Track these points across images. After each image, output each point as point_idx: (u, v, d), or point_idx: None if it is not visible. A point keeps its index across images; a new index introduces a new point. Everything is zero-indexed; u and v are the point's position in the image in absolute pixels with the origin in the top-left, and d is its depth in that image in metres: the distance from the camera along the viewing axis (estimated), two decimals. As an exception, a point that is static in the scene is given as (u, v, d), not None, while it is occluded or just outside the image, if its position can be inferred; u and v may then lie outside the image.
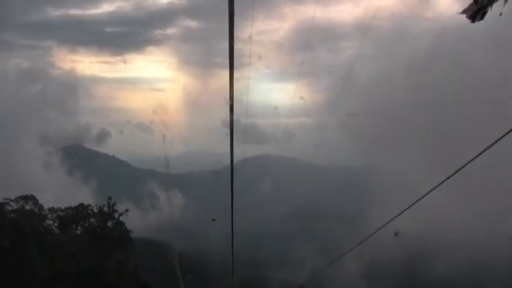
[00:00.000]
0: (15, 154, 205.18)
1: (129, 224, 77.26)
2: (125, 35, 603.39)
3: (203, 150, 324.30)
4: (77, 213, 67.75)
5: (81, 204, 69.44)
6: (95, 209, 68.91)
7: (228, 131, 10.01)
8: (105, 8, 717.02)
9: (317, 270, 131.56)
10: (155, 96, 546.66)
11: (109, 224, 69.46)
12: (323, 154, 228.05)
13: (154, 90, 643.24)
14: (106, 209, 69.20)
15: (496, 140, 10.02)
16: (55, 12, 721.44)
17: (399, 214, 15.31)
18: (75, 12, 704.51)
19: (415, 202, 13.96)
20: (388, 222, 16.55)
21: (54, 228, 65.12)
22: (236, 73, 7.95)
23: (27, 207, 63.30)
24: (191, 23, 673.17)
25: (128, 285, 57.90)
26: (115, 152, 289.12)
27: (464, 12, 7.57)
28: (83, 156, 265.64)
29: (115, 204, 70.80)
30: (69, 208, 68.20)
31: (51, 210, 66.30)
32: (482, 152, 10.62)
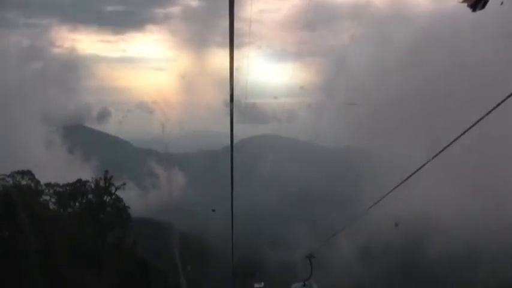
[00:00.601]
0: (15, 132, 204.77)
1: (130, 203, 77.32)
2: (126, 14, 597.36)
3: (203, 129, 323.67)
4: (75, 189, 66.62)
5: (79, 180, 68.15)
6: (92, 183, 67.74)
7: (228, 111, 9.95)
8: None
9: (312, 252, 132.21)
10: (156, 75, 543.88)
11: (107, 200, 68.54)
12: (324, 135, 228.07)
13: (155, 69, 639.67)
14: (103, 184, 68.08)
15: (483, 116, 9.93)
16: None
17: (391, 190, 15.58)
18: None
19: (407, 178, 14.06)
20: (381, 199, 16.87)
21: (51, 204, 63.98)
22: (236, 53, 7.87)
23: (23, 182, 62.19)
24: (192, 2, 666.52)
25: (125, 261, 57.48)
26: (116, 132, 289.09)
27: (465, 1, 7.45)
28: (84, 135, 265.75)
29: (112, 177, 69.53)
30: (67, 184, 66.95)
31: (47, 185, 65.21)
32: (469, 129, 10.56)
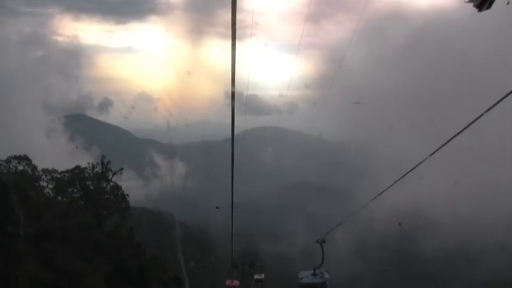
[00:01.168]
0: (16, 119, 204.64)
1: (130, 193, 77.08)
2: (129, 4, 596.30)
3: (205, 120, 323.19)
4: (73, 175, 65.31)
5: (77, 166, 66.85)
6: (88, 168, 66.46)
7: (230, 102, 9.96)
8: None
9: (308, 244, 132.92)
10: (158, 65, 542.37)
11: (106, 187, 67.60)
12: (325, 128, 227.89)
13: (157, 59, 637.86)
14: (99, 169, 67.03)
15: (481, 115, 9.96)
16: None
17: (391, 186, 15.66)
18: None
19: (405, 174, 14.15)
20: (380, 194, 16.95)
21: (48, 190, 63.09)
22: (238, 44, 7.88)
23: (20, 167, 61.50)
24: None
25: (121, 246, 56.66)
26: (118, 122, 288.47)
27: (471, 0, 7.44)
28: (85, 124, 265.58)
29: (109, 163, 68.45)
30: (65, 171, 65.72)
31: (45, 171, 64.10)
32: (468, 126, 10.58)
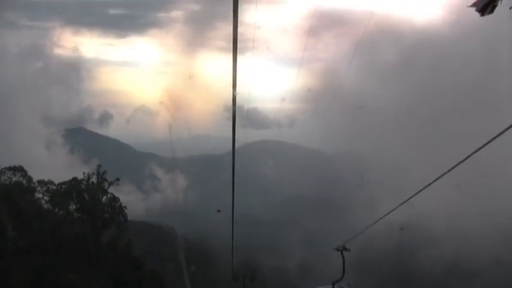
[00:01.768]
0: (15, 132, 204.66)
1: (130, 207, 76.68)
2: (129, 18, 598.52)
3: (205, 134, 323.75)
4: (70, 187, 63.64)
5: (74, 178, 65.21)
6: (84, 178, 65.12)
7: (230, 116, 9.96)
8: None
9: (306, 260, 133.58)
10: (158, 79, 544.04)
11: (103, 199, 66.00)
12: (326, 140, 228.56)
13: (157, 73, 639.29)
14: (95, 179, 65.57)
15: (489, 141, 9.93)
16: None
17: (399, 206, 15.48)
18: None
19: (414, 195, 14.00)
20: (388, 213, 16.70)
21: (44, 202, 61.37)
22: (239, 57, 7.88)
23: (14, 178, 59.85)
24: (195, 6, 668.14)
25: (118, 260, 55.47)
26: (119, 135, 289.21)
27: (474, 5, 7.47)
28: (85, 138, 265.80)
29: (105, 173, 67.06)
30: (62, 183, 63.98)
31: (40, 182, 62.29)
32: (475, 152, 10.54)
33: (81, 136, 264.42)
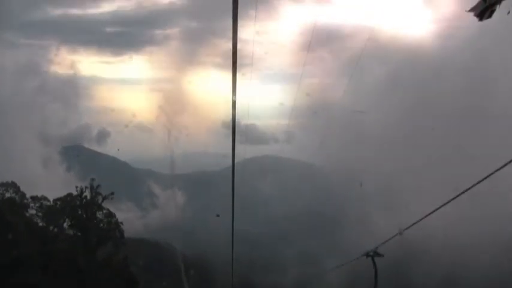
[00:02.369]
0: (12, 150, 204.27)
1: (128, 224, 76.14)
2: (126, 35, 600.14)
3: (203, 151, 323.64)
4: (65, 203, 62.36)
5: (69, 194, 63.77)
6: (77, 192, 63.11)
7: (228, 132, 10.02)
8: (105, 8, 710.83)
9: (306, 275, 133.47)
10: (155, 96, 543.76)
11: (99, 215, 64.12)
12: (323, 155, 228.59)
13: (154, 90, 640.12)
14: (88, 193, 63.56)
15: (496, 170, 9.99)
16: (55, 11, 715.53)
17: (408, 227, 15.14)
18: (75, 11, 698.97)
19: (429, 214, 13.79)
20: (404, 230, 16.29)
21: (38, 218, 59.61)
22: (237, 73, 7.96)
23: (7, 194, 58.53)
24: (192, 23, 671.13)
25: (112, 277, 53.70)
26: (116, 153, 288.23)
27: (472, 10, 7.59)
28: (83, 156, 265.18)
29: (99, 186, 65.06)
30: (57, 199, 62.74)
31: (34, 198, 60.81)
32: (482, 180, 10.60)
33: (78, 153, 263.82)
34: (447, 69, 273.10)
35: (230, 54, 7.38)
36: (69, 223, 62.10)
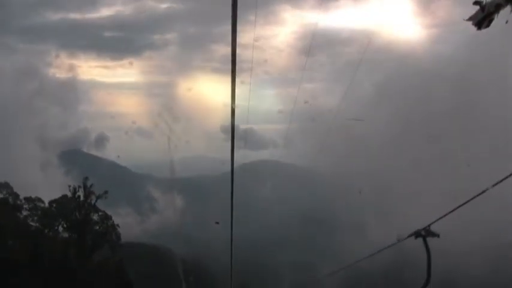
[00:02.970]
0: (10, 154, 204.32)
1: (128, 228, 75.80)
2: (124, 40, 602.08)
3: (202, 155, 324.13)
4: (60, 205, 61.27)
5: (64, 195, 62.60)
6: (69, 191, 62.02)
7: (226, 137, 9.92)
8: (104, 13, 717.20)
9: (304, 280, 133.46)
10: (154, 101, 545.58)
11: (95, 218, 62.98)
12: (321, 160, 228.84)
13: (153, 95, 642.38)
14: (82, 193, 62.11)
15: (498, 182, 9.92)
16: (54, 16, 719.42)
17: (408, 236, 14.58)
18: (74, 16, 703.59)
19: (451, 212, 13.31)
20: (405, 239, 15.43)
21: (31, 221, 58.05)
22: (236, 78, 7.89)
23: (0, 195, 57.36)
24: (190, 28, 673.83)
25: (106, 281, 52.61)
26: (115, 157, 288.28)
27: (470, 19, 7.54)
28: (81, 161, 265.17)
29: (92, 186, 63.83)
30: (53, 201, 61.66)
31: (27, 199, 59.43)
32: (484, 191, 10.50)
33: (77, 158, 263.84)
34: (444, 74, 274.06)
35: (229, 58, 7.31)
36: (64, 225, 60.85)
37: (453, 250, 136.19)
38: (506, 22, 7.30)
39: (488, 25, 7.45)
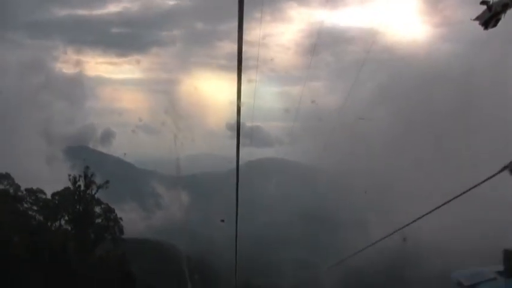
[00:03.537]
0: (16, 150, 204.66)
1: (132, 224, 75.54)
2: (131, 36, 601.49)
3: (208, 152, 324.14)
4: (63, 197, 60.37)
5: (67, 188, 61.41)
6: (69, 181, 61.12)
7: (232, 134, 9.93)
8: (111, 9, 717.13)
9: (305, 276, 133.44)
10: (160, 98, 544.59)
11: (97, 210, 62.16)
12: (325, 158, 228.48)
13: (159, 92, 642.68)
14: (82, 182, 61.36)
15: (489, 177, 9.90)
16: (61, 12, 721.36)
17: (408, 224, 14.83)
18: (81, 12, 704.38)
19: (425, 214, 13.62)
20: (396, 231, 15.96)
21: (33, 213, 56.96)
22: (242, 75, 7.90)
23: (1, 186, 56.71)
24: (197, 25, 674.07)
25: (108, 274, 51.70)
26: (121, 153, 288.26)
27: (477, 19, 7.53)
28: (87, 156, 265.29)
29: (93, 175, 63.53)
30: (55, 193, 60.74)
31: (28, 191, 58.43)
32: (476, 185, 10.51)
33: (83, 154, 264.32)
34: (449, 74, 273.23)
35: (235, 56, 7.31)
36: (66, 218, 59.97)
37: (449, 249, 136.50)
38: None
39: (495, 25, 7.45)
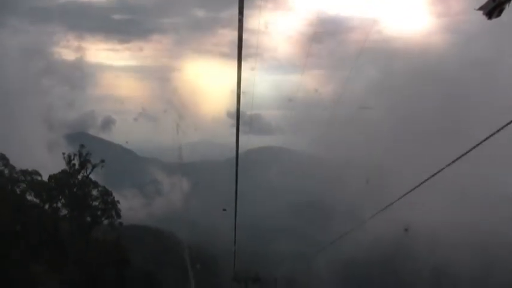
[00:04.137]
0: (15, 137, 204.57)
1: (132, 211, 75.42)
2: (132, 23, 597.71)
3: (208, 140, 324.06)
4: (59, 180, 58.76)
5: (64, 170, 59.85)
6: (64, 160, 59.75)
7: (233, 122, 9.89)
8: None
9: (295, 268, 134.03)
10: (161, 85, 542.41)
11: (94, 193, 60.44)
12: (328, 147, 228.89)
13: (160, 79, 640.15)
14: (77, 160, 60.17)
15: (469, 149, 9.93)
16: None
17: (388, 205, 15.26)
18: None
19: (400, 197, 13.90)
20: (375, 214, 16.43)
21: (29, 195, 55.23)
22: (242, 64, 7.86)
23: None
24: (199, 12, 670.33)
25: (103, 258, 50.86)
26: (121, 140, 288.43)
27: (481, 8, 7.48)
28: (87, 143, 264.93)
29: (88, 154, 62.18)
30: (52, 176, 58.98)
31: (24, 172, 56.63)
32: (457, 159, 10.57)
33: (83, 141, 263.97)
34: (457, 63, 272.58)
35: (236, 43, 7.28)
36: (62, 201, 58.50)
37: (445, 242, 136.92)
38: None
39: (499, 14, 7.39)
